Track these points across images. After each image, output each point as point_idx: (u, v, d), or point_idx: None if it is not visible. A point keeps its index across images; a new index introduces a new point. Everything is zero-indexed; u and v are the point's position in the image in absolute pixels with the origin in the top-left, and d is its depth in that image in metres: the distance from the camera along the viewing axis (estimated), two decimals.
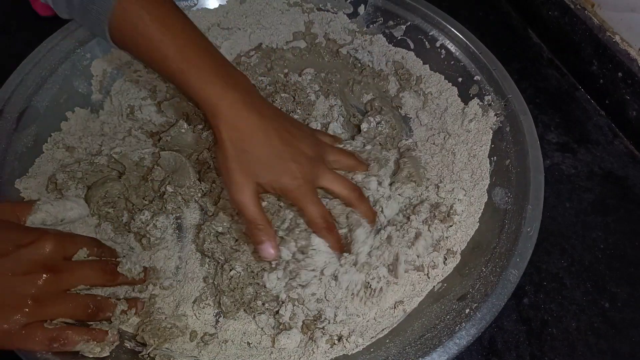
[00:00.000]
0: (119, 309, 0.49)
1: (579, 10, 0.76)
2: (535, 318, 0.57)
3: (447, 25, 0.68)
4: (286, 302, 0.51)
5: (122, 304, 0.50)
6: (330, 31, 0.75)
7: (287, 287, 0.52)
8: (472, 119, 0.63)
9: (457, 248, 0.55)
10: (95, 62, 0.67)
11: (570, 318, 0.57)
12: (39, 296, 0.42)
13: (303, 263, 0.52)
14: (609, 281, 0.59)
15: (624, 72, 0.69)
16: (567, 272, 0.60)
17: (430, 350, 0.45)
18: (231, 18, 0.74)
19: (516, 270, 0.49)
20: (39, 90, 0.61)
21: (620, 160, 0.70)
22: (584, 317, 0.57)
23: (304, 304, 0.51)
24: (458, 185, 0.59)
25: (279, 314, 0.52)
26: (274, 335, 0.52)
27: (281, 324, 0.51)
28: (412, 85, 0.69)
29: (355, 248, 0.53)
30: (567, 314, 0.57)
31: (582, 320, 0.57)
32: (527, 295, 0.58)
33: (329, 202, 0.55)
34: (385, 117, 0.65)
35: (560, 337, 0.56)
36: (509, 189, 0.56)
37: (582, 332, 0.56)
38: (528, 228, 0.51)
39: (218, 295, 0.53)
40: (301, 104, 0.67)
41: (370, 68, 0.72)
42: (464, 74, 0.66)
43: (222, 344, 0.52)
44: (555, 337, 0.55)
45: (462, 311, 0.48)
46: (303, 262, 0.52)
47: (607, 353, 0.55)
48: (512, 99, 0.60)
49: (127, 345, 0.50)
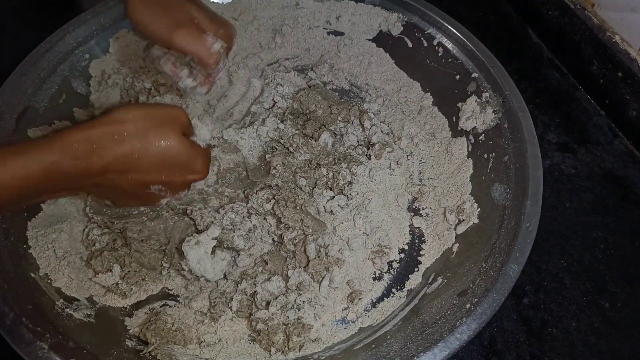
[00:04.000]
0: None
1: (579, 10, 0.76)
2: (535, 318, 0.57)
3: (444, 24, 0.68)
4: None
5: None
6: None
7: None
8: (470, 116, 0.63)
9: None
10: (94, 62, 0.67)
11: (570, 318, 0.57)
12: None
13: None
14: (609, 281, 0.59)
15: (624, 72, 0.69)
16: (567, 272, 0.60)
17: (432, 345, 0.45)
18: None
19: (516, 265, 0.49)
20: (38, 91, 0.61)
21: (620, 160, 0.70)
22: (584, 317, 0.57)
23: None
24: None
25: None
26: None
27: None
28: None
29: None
30: (567, 314, 0.57)
31: (582, 320, 0.57)
32: (527, 295, 0.58)
33: (285, 211, 0.57)
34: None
35: (560, 337, 0.56)
36: (508, 185, 0.57)
37: (582, 332, 0.56)
38: (527, 224, 0.51)
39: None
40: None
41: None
42: (462, 71, 0.66)
43: (223, 342, 0.52)
44: (555, 337, 0.56)
45: (462, 306, 0.48)
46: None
47: (607, 353, 0.55)
48: (510, 95, 0.61)
49: (128, 343, 0.50)
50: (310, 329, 0.53)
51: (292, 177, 0.61)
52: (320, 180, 0.61)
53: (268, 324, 0.52)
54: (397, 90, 0.73)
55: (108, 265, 0.53)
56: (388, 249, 0.59)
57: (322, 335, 0.54)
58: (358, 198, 0.60)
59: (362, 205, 0.60)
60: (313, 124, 0.66)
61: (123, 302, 0.54)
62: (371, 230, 0.59)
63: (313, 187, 0.61)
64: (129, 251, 0.55)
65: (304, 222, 0.57)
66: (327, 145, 0.65)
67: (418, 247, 0.61)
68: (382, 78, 0.75)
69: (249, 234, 0.57)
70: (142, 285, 0.55)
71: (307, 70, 0.75)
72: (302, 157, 0.62)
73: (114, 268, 0.53)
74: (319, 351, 0.53)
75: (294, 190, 0.59)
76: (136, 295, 0.55)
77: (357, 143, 0.67)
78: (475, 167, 0.63)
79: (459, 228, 0.59)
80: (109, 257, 0.54)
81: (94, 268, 0.54)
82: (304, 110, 0.67)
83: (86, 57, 0.66)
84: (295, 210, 0.57)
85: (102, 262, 0.53)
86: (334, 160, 0.63)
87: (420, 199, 0.64)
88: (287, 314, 0.53)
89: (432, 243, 0.61)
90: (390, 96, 0.73)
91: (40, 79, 0.62)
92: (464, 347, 0.45)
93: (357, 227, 0.59)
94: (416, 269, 0.59)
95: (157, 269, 0.56)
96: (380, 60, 0.75)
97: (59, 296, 0.51)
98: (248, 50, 0.76)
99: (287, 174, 0.61)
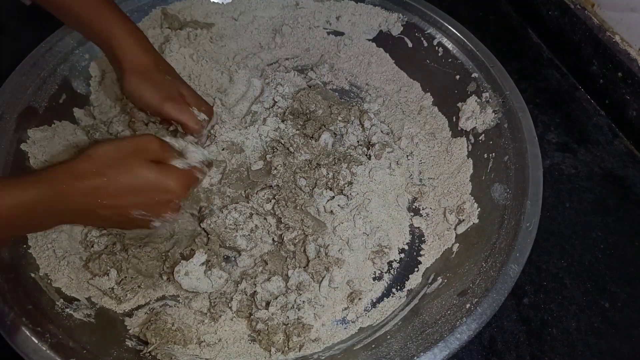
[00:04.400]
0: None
1: (579, 10, 0.76)
2: (535, 318, 0.57)
3: (444, 24, 0.68)
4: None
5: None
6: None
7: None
8: (470, 116, 0.63)
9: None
10: (94, 62, 0.67)
11: (570, 318, 0.57)
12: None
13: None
14: (609, 281, 0.59)
15: (624, 72, 0.69)
16: (567, 272, 0.60)
17: (432, 345, 0.45)
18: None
19: (516, 265, 0.49)
20: (38, 91, 0.61)
21: (620, 160, 0.70)
22: (584, 317, 0.57)
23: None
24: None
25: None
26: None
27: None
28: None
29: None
30: (567, 314, 0.57)
31: (582, 320, 0.57)
32: (527, 295, 0.58)
33: (285, 211, 0.57)
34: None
35: (560, 337, 0.56)
36: (508, 185, 0.57)
37: (582, 332, 0.56)
38: (527, 223, 0.51)
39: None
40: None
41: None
42: (462, 71, 0.66)
43: (223, 342, 0.52)
44: (555, 337, 0.56)
45: (462, 306, 0.48)
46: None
47: (607, 353, 0.55)
48: (510, 95, 0.61)
49: (128, 343, 0.50)
50: (310, 329, 0.53)
51: (292, 177, 0.61)
52: (320, 181, 0.61)
53: (268, 324, 0.52)
54: (397, 90, 0.73)
55: (105, 269, 0.53)
56: (388, 249, 0.59)
57: (322, 335, 0.54)
58: (358, 198, 0.60)
59: (362, 205, 0.60)
60: (313, 124, 0.66)
61: (119, 307, 0.54)
62: (371, 230, 0.59)
63: (313, 187, 0.61)
64: (126, 256, 0.54)
65: (304, 222, 0.57)
66: (327, 146, 0.65)
67: (418, 247, 0.61)
68: (382, 78, 0.75)
69: (251, 234, 0.57)
70: (137, 292, 0.54)
71: (307, 70, 0.75)
72: (303, 157, 0.62)
73: (110, 272, 0.53)
74: (319, 351, 0.53)
75: (294, 191, 0.59)
76: (132, 302, 0.55)
77: (357, 143, 0.67)
78: (475, 167, 0.63)
79: (459, 228, 0.59)
80: (107, 261, 0.53)
81: (91, 270, 0.54)
82: (304, 110, 0.67)
83: (86, 57, 0.66)
84: (296, 211, 0.57)
85: (99, 265, 0.53)
86: (334, 160, 0.63)
87: (420, 199, 0.64)
88: (287, 314, 0.53)
89: (432, 243, 0.61)
90: (390, 96, 0.73)
91: (40, 79, 0.62)
92: (464, 347, 0.45)
93: (357, 227, 0.59)
94: (416, 269, 0.59)
95: (154, 277, 0.55)
96: (380, 60, 0.75)
97: (59, 296, 0.51)
98: (248, 50, 0.76)
99: (288, 174, 0.61)
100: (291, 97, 0.69)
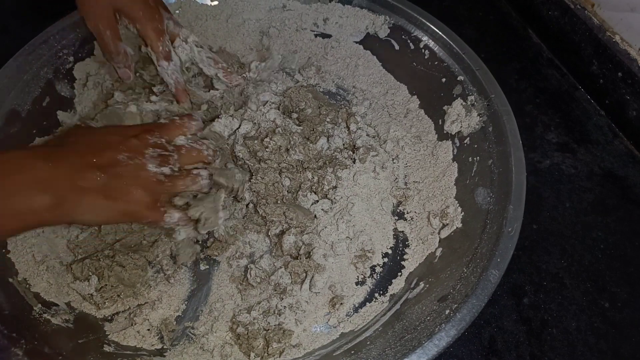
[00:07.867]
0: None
1: (579, 10, 0.76)
2: (535, 318, 0.57)
3: (430, 26, 0.68)
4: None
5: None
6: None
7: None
8: (455, 119, 0.63)
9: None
10: (78, 65, 0.67)
11: (570, 318, 0.57)
12: (172, 174, 0.49)
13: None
14: (609, 281, 0.59)
15: (624, 72, 0.69)
16: (567, 272, 0.60)
17: (410, 352, 0.45)
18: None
19: (497, 270, 0.48)
20: (21, 94, 0.61)
21: (620, 160, 0.69)
22: (584, 317, 0.57)
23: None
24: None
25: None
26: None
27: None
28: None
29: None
30: (567, 314, 0.57)
31: (582, 320, 0.57)
32: (527, 295, 0.58)
33: (268, 207, 0.58)
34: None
35: (560, 337, 0.55)
36: (492, 189, 0.56)
37: (582, 332, 0.56)
38: (509, 228, 0.51)
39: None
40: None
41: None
42: (448, 74, 0.66)
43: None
44: (555, 337, 0.55)
45: (442, 312, 0.47)
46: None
47: (607, 353, 0.54)
48: (495, 99, 0.60)
49: (106, 349, 0.50)
50: (291, 334, 0.53)
51: (277, 175, 0.60)
52: (305, 184, 0.60)
53: (249, 328, 0.52)
54: (384, 93, 0.73)
55: (86, 274, 0.53)
56: (371, 254, 0.59)
57: (303, 341, 0.54)
58: (342, 202, 0.60)
59: (345, 209, 0.59)
60: (309, 125, 0.66)
61: (97, 313, 0.54)
62: (354, 234, 0.59)
63: (297, 190, 0.60)
64: (110, 263, 0.54)
65: (286, 214, 0.57)
66: (322, 150, 0.64)
67: (402, 252, 0.60)
68: (369, 81, 0.74)
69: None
70: (116, 301, 0.54)
71: (294, 73, 0.75)
72: (296, 156, 0.62)
73: (91, 278, 0.52)
74: (300, 357, 0.53)
75: (277, 187, 0.59)
76: (110, 309, 0.54)
77: (343, 146, 0.66)
78: (460, 171, 0.62)
79: (443, 232, 0.59)
80: (89, 266, 0.53)
81: (73, 273, 0.53)
82: (293, 108, 0.67)
83: (70, 60, 0.66)
84: (277, 205, 0.57)
85: (82, 269, 0.53)
86: (320, 164, 0.63)
87: (405, 203, 0.64)
88: (268, 320, 0.52)
89: (415, 247, 0.60)
90: (377, 99, 0.73)
91: (23, 82, 0.61)
92: (464, 347, 0.45)
93: (341, 231, 0.58)
94: (399, 273, 0.59)
95: (135, 287, 0.55)
96: (367, 62, 0.75)
97: (37, 301, 0.51)
98: (239, 52, 0.76)
99: (272, 172, 0.60)
100: (282, 94, 0.68)
